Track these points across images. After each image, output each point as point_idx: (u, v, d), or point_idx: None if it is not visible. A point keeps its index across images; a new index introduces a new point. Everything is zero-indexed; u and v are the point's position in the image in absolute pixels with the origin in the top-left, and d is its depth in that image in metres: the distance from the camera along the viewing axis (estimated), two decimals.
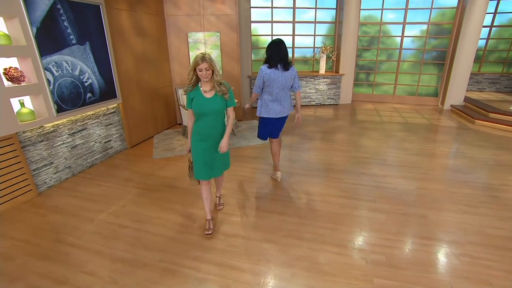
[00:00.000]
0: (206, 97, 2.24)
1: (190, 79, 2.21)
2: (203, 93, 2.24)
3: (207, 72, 2.14)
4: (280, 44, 2.91)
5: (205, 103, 2.23)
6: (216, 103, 2.25)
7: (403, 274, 2.07)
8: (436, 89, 7.33)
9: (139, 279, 2.07)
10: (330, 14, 7.35)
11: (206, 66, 2.12)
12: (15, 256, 2.31)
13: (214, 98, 2.25)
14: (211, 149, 2.35)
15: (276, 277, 2.06)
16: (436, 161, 4.06)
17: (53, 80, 3.27)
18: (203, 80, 2.19)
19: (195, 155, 2.38)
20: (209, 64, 2.13)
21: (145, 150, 4.54)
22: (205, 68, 2.12)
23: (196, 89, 2.25)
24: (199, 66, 2.11)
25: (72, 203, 3.09)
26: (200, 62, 2.10)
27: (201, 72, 2.13)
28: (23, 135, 3.10)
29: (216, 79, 2.22)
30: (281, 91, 3.02)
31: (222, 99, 2.27)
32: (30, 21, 2.96)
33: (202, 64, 2.11)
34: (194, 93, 2.25)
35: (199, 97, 2.24)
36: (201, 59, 2.10)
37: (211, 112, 2.26)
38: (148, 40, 4.81)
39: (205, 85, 2.25)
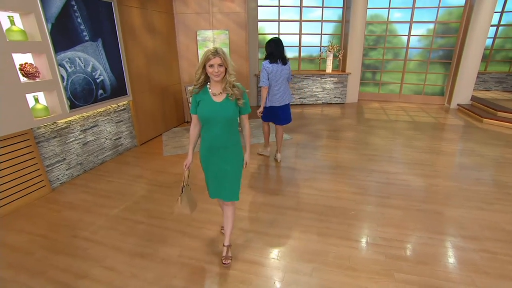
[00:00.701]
0: (215, 101, 1.84)
1: (198, 78, 1.83)
2: (211, 96, 1.85)
3: (220, 69, 1.76)
4: (279, 42, 3.46)
5: (213, 109, 1.83)
6: (227, 109, 1.85)
7: (424, 269, 2.07)
8: (442, 88, 7.32)
9: (159, 273, 2.07)
10: (337, 13, 7.35)
11: (219, 62, 1.74)
12: (34, 250, 2.31)
13: (224, 102, 1.85)
14: (222, 163, 1.97)
15: (297, 272, 2.06)
16: (446, 159, 4.06)
17: (66, 76, 3.27)
18: (214, 79, 1.80)
19: (204, 167, 2.03)
20: (223, 59, 1.75)
21: (155, 148, 4.55)
22: (217, 64, 1.74)
23: (204, 91, 1.86)
24: (210, 61, 1.74)
25: (86, 199, 3.09)
26: (212, 56, 1.73)
27: (212, 68, 1.75)
28: (37, 131, 3.10)
29: (229, 80, 1.81)
30: (281, 82, 3.52)
31: (234, 105, 1.86)
32: (46, 17, 2.96)
33: (214, 59, 1.73)
34: (201, 95, 1.86)
35: (207, 101, 1.85)
36: (213, 53, 1.73)
37: (219, 120, 1.85)
38: (157, 38, 4.82)
39: (215, 87, 1.85)
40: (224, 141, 1.92)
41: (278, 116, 3.69)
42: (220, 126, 1.87)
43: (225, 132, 1.89)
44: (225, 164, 1.97)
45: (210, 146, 1.93)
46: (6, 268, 2.13)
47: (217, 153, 1.95)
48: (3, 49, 2.63)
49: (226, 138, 1.92)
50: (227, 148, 1.94)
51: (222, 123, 1.87)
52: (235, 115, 1.90)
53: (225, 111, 1.85)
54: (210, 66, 1.76)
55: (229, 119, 1.87)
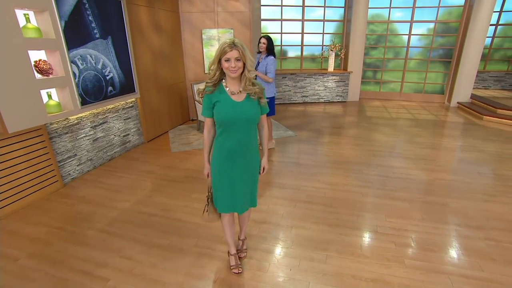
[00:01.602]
0: (235, 100, 1.62)
1: (212, 75, 1.61)
2: (230, 95, 1.62)
3: (237, 64, 1.53)
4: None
5: (234, 110, 1.61)
6: (250, 109, 1.64)
7: (433, 256, 2.15)
8: (442, 86, 7.44)
9: (177, 263, 2.13)
10: (339, 12, 7.45)
11: (237, 55, 1.51)
12: (53, 241, 2.37)
13: (246, 102, 1.63)
14: (241, 171, 1.76)
15: (312, 260, 2.13)
16: (448, 154, 4.16)
17: (78, 73, 3.33)
18: (230, 76, 1.57)
19: (218, 179, 1.78)
20: (241, 52, 1.52)
21: (162, 145, 4.61)
22: (234, 58, 1.51)
23: (220, 89, 1.63)
24: (227, 54, 1.51)
25: (98, 193, 3.15)
26: (228, 49, 1.50)
27: (228, 63, 1.53)
28: (50, 126, 3.16)
29: (248, 76, 1.59)
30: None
31: (256, 104, 1.66)
32: (59, 15, 3.02)
33: (230, 52, 1.50)
34: (217, 95, 1.63)
35: (226, 101, 1.61)
36: (229, 46, 1.50)
37: (242, 122, 1.64)
38: (164, 36, 4.88)
39: (233, 84, 1.63)
40: (246, 146, 1.72)
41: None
42: (242, 129, 1.66)
43: (248, 136, 1.70)
44: (244, 172, 1.77)
45: (230, 152, 1.70)
46: (27, 258, 2.18)
47: (237, 160, 1.72)
48: (20, 46, 2.69)
49: (248, 142, 1.72)
50: (247, 153, 1.74)
51: (245, 126, 1.66)
52: (258, 116, 1.70)
53: (248, 111, 1.63)
54: (226, 61, 1.53)
55: (253, 120, 1.68)
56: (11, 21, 2.62)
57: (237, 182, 1.78)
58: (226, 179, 1.77)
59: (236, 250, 2.11)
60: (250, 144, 1.73)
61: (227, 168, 1.74)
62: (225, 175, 1.76)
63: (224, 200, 1.83)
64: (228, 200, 1.82)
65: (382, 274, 1.99)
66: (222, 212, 1.89)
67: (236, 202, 1.83)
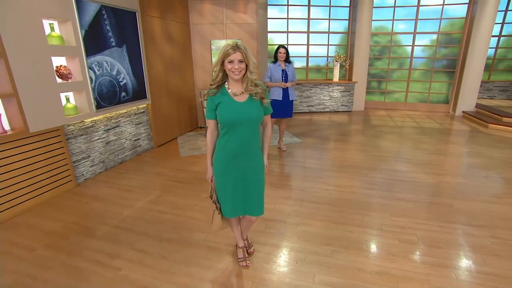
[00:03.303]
0: (237, 101, 1.65)
1: (215, 77, 1.64)
2: (232, 97, 1.65)
3: (240, 66, 1.57)
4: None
5: (237, 111, 1.63)
6: (253, 109, 1.66)
7: (438, 252, 2.18)
8: (447, 96, 7.51)
9: (187, 255, 2.20)
10: (343, 25, 7.67)
11: (240, 57, 1.55)
12: (68, 235, 2.47)
13: (249, 103, 1.66)
14: (244, 172, 1.76)
15: (317, 254, 2.18)
16: (454, 159, 4.19)
17: (94, 79, 3.52)
18: (233, 77, 1.60)
19: (222, 180, 1.78)
20: (244, 54, 1.56)
21: (171, 150, 4.74)
22: (237, 60, 1.55)
23: (223, 91, 1.66)
24: (230, 56, 1.55)
25: (110, 193, 3.26)
26: (232, 51, 1.54)
27: (231, 65, 1.56)
28: (67, 128, 3.32)
29: (250, 78, 1.62)
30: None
31: (259, 105, 1.68)
32: (80, 25, 3.24)
33: (234, 54, 1.54)
34: (220, 97, 1.65)
35: (229, 102, 1.64)
36: (232, 48, 1.54)
37: (245, 123, 1.66)
38: (175, 46, 5.10)
39: (235, 86, 1.66)
40: (250, 147, 1.72)
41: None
42: (246, 129, 1.67)
43: (251, 137, 1.70)
44: (248, 173, 1.77)
45: (234, 153, 1.70)
46: (44, 249, 2.28)
47: (240, 161, 1.72)
48: (45, 52, 2.90)
49: (252, 143, 1.73)
50: (251, 155, 1.74)
51: (248, 126, 1.67)
52: (261, 116, 1.71)
53: (251, 112, 1.65)
54: (229, 62, 1.56)
55: (256, 120, 1.69)
56: (38, 30, 2.84)
57: (241, 184, 1.77)
58: (228, 180, 1.76)
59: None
60: (253, 145, 1.74)
61: (230, 170, 1.74)
62: (227, 175, 1.76)
63: (229, 204, 1.81)
64: (232, 204, 1.81)
65: (387, 267, 2.03)
66: (227, 216, 1.89)
67: (240, 205, 1.82)
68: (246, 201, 1.82)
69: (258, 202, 1.85)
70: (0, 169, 2.65)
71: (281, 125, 4.56)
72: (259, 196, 1.84)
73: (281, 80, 4.17)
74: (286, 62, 4.22)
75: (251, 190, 1.80)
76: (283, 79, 4.18)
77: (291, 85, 4.25)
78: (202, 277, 1.97)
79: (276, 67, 4.18)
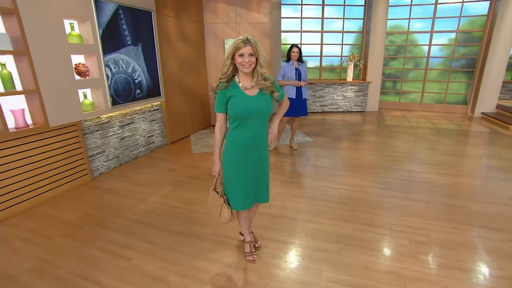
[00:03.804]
0: (248, 95, 1.68)
1: (226, 70, 1.66)
2: (243, 90, 1.67)
3: (250, 59, 1.59)
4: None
5: (249, 104, 1.66)
6: (263, 102, 1.70)
7: (449, 253, 2.13)
8: (465, 97, 7.27)
9: (195, 248, 2.24)
10: (358, 24, 7.57)
11: (250, 51, 1.57)
12: (83, 225, 2.57)
13: (259, 96, 1.69)
14: (255, 165, 1.81)
15: (325, 251, 2.17)
16: (471, 161, 4.06)
17: (111, 76, 3.63)
18: (244, 70, 1.63)
19: (233, 174, 1.81)
20: (254, 48, 1.58)
21: (184, 147, 4.82)
22: (248, 54, 1.57)
23: (233, 85, 1.68)
24: (240, 50, 1.57)
25: (124, 187, 3.35)
26: (242, 45, 1.56)
27: (242, 58, 1.58)
28: (84, 123, 3.44)
29: (260, 72, 1.64)
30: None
31: (270, 97, 1.73)
32: (98, 24, 3.35)
33: (244, 47, 1.56)
34: (231, 90, 1.67)
35: (240, 96, 1.67)
36: (243, 41, 1.56)
37: (257, 115, 1.69)
38: (189, 45, 5.19)
39: (245, 80, 1.69)
40: (260, 139, 1.77)
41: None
42: (256, 122, 1.71)
43: (262, 129, 1.75)
44: (259, 165, 1.83)
45: (245, 146, 1.74)
46: (61, 237, 2.38)
47: (251, 154, 1.77)
48: (65, 51, 3.02)
49: (262, 135, 1.77)
50: (261, 147, 1.80)
51: (259, 119, 1.72)
52: (271, 109, 1.75)
53: (262, 105, 1.69)
54: (239, 56, 1.59)
55: (266, 113, 1.74)
56: (59, 29, 2.96)
57: (253, 176, 1.82)
58: (241, 174, 1.79)
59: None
60: (263, 137, 1.79)
61: (242, 162, 1.77)
62: (240, 167, 1.78)
63: (241, 197, 1.83)
64: (244, 197, 1.83)
65: (395, 267, 2.00)
66: (237, 209, 1.90)
67: (251, 197, 1.87)
68: (257, 190, 1.88)
69: (266, 190, 1.94)
70: (22, 161, 2.78)
71: (294, 123, 4.56)
72: (267, 185, 1.94)
73: (294, 78, 4.17)
74: (299, 61, 4.22)
75: (261, 180, 1.87)
76: (296, 77, 4.18)
77: (305, 84, 4.25)
78: (209, 270, 2.01)
79: (290, 65, 4.19)
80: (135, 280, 1.91)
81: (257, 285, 1.86)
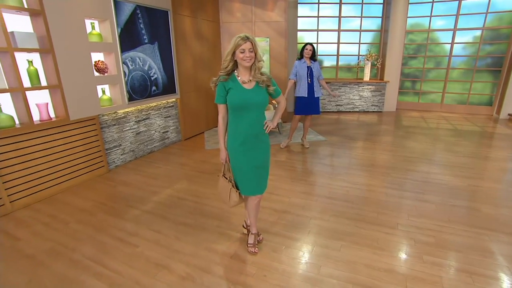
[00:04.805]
0: (246, 88, 1.82)
1: (226, 65, 1.81)
2: (241, 84, 1.82)
3: (251, 54, 1.74)
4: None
5: (246, 96, 1.81)
6: (260, 95, 1.85)
7: (456, 255, 2.07)
8: (490, 97, 6.92)
9: (199, 238, 2.32)
10: (376, 22, 7.41)
11: (250, 47, 1.73)
12: (96, 213, 2.72)
13: (256, 89, 1.84)
14: (257, 152, 1.94)
15: (326, 247, 2.18)
16: (491, 163, 3.88)
17: (128, 73, 3.80)
18: (244, 64, 1.77)
19: (239, 164, 1.94)
20: (253, 44, 1.74)
21: (197, 143, 4.94)
22: (248, 49, 1.73)
23: (232, 79, 1.83)
24: (241, 46, 1.72)
25: (137, 179, 3.50)
26: (242, 42, 1.71)
27: (243, 53, 1.73)
28: (102, 118, 3.62)
29: (258, 66, 1.81)
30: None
31: (265, 91, 1.88)
32: (117, 23, 3.52)
33: (245, 44, 1.72)
34: (230, 83, 1.82)
35: (238, 89, 1.81)
36: (243, 39, 1.72)
37: (254, 106, 1.85)
38: (204, 44, 5.31)
39: (244, 74, 1.83)
40: (257, 128, 1.91)
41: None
42: (254, 112, 1.86)
43: (258, 119, 1.90)
44: (259, 153, 1.95)
45: (245, 135, 1.88)
46: (76, 223, 2.54)
47: (252, 143, 1.91)
48: (86, 49, 3.20)
49: (260, 125, 1.92)
50: (260, 135, 1.93)
51: (255, 110, 1.86)
52: (267, 101, 1.90)
53: (258, 97, 1.84)
54: (241, 52, 1.74)
55: (263, 104, 1.88)
56: (81, 29, 3.15)
57: (256, 163, 1.94)
58: (242, 162, 1.92)
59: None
60: (260, 127, 1.92)
61: (244, 150, 1.90)
62: (242, 156, 1.91)
63: (245, 183, 1.97)
64: (251, 181, 1.96)
65: (397, 266, 1.97)
66: (248, 194, 2.02)
67: (258, 182, 1.99)
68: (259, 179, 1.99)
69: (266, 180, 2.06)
70: (45, 151, 2.98)
71: (306, 122, 4.55)
72: (267, 175, 2.06)
73: (306, 76, 4.17)
74: (312, 60, 4.22)
75: (262, 170, 2.00)
76: (308, 76, 4.18)
77: (334, 95, 4.58)
78: (210, 259, 2.07)
79: (302, 63, 4.19)
80: (139, 265, 2.01)
81: (255, 276, 1.90)
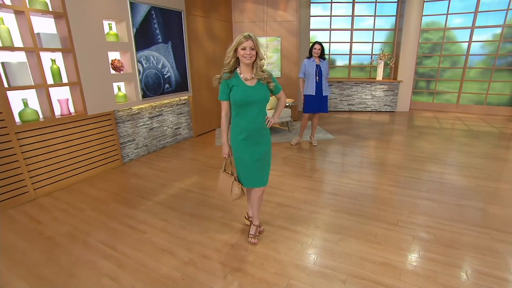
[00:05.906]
0: (248, 85, 1.90)
1: (228, 61, 1.89)
2: (244, 81, 1.90)
3: (251, 52, 1.82)
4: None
5: (249, 93, 1.89)
6: (261, 91, 1.93)
7: (455, 253, 2.08)
8: (510, 97, 6.69)
9: (203, 228, 2.44)
10: (390, 21, 7.32)
11: (251, 45, 1.81)
12: (109, 202, 2.90)
13: (257, 86, 1.92)
14: (258, 145, 2.03)
15: (324, 240, 2.25)
16: (503, 164, 3.79)
17: (142, 71, 3.98)
18: (246, 61, 1.85)
19: (242, 157, 2.04)
20: (254, 43, 1.82)
21: (208, 139, 5.10)
22: (249, 47, 1.81)
23: (235, 76, 1.91)
24: (243, 44, 1.81)
25: (149, 172, 3.67)
26: (244, 40, 1.80)
27: (244, 51, 1.82)
28: (117, 113, 3.82)
29: (259, 64, 1.88)
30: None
31: (266, 87, 1.96)
32: (133, 24, 3.71)
33: (246, 41, 1.80)
34: (233, 80, 1.90)
35: (241, 85, 1.89)
36: (245, 37, 1.80)
37: (256, 102, 1.93)
38: (217, 43, 5.45)
39: (246, 71, 1.91)
40: (260, 123, 1.99)
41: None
42: (256, 108, 1.94)
43: (260, 114, 1.98)
44: (261, 147, 2.04)
45: (248, 129, 1.96)
46: (91, 210, 2.73)
47: (254, 137, 1.99)
48: (103, 48, 3.40)
49: (262, 120, 2.00)
50: (261, 130, 2.01)
51: (257, 106, 1.95)
52: (268, 97, 2.00)
53: (260, 93, 1.92)
54: (242, 49, 1.82)
55: (264, 101, 1.97)
56: (99, 29, 3.34)
57: (258, 156, 2.03)
58: (245, 155, 2.01)
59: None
60: (262, 122, 2.02)
61: (246, 144, 1.99)
62: (245, 150, 2.00)
63: (249, 175, 2.07)
64: (253, 174, 2.06)
65: (392, 260, 2.01)
66: (251, 187, 2.12)
67: (260, 175, 2.08)
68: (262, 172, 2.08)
69: (268, 173, 2.14)
70: (65, 144, 3.20)
71: (314, 120, 4.60)
72: (269, 168, 2.15)
73: (315, 75, 4.22)
74: (321, 58, 4.27)
75: (264, 163, 2.08)
76: (316, 74, 4.23)
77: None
78: (212, 247, 2.19)
79: (310, 62, 4.25)
80: (146, 250, 2.16)
81: (253, 264, 2.00)
